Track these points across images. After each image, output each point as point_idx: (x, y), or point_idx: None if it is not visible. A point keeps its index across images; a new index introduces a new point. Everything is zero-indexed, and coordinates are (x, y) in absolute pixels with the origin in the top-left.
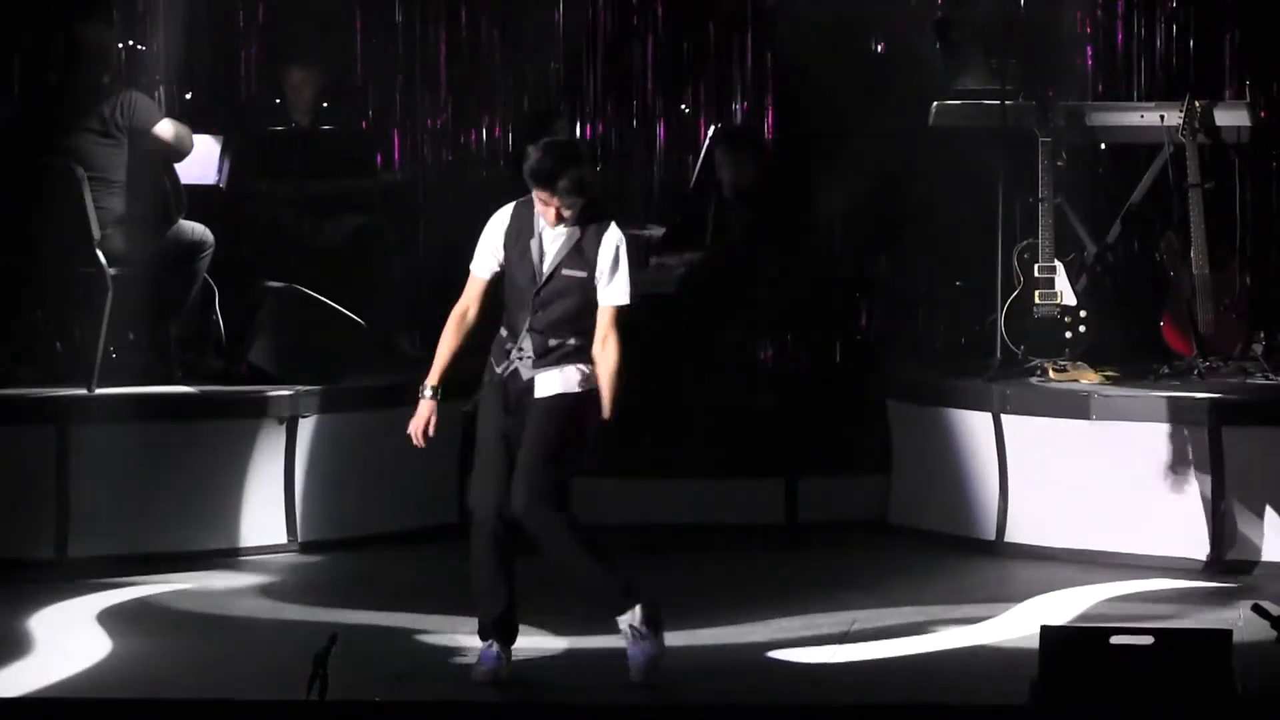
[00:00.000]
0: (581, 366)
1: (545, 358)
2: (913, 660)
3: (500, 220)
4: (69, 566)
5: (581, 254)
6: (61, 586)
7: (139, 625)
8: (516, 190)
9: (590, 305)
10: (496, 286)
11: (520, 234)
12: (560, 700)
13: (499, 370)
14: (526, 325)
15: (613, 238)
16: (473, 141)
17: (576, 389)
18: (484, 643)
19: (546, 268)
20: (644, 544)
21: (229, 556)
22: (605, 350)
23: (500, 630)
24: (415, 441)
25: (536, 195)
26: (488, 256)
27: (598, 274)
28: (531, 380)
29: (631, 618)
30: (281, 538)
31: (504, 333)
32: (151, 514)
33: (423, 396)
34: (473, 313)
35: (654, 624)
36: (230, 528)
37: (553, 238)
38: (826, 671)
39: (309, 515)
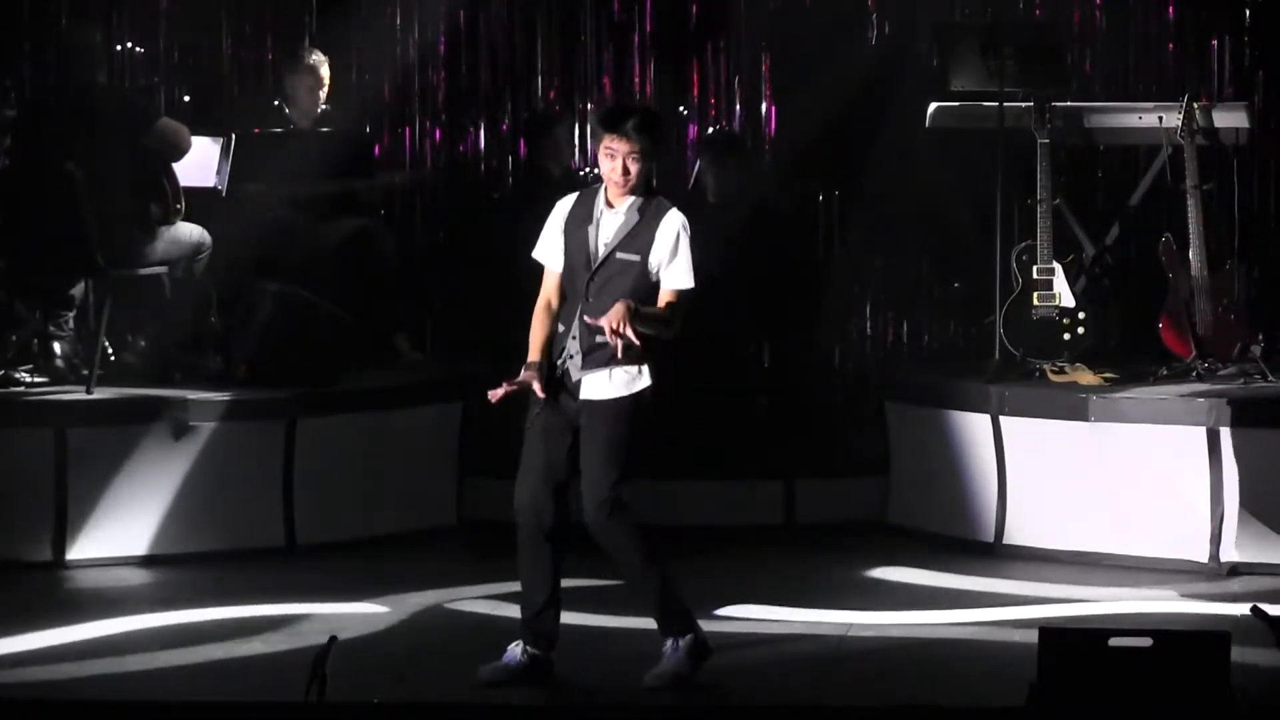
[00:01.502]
0: (629, 368)
1: (591, 356)
2: (911, 662)
3: (564, 206)
4: (67, 568)
5: (637, 238)
6: (59, 588)
7: (137, 627)
8: (518, 189)
9: (641, 296)
10: None
11: (581, 219)
12: (559, 701)
13: (557, 367)
14: (578, 313)
15: (673, 221)
16: (472, 144)
17: (624, 392)
18: (515, 642)
19: (602, 251)
20: None
21: (227, 558)
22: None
23: (528, 632)
24: (492, 394)
25: (604, 148)
26: (552, 245)
27: (653, 259)
28: (579, 382)
29: (679, 642)
30: (280, 540)
31: (562, 328)
32: (149, 516)
33: (526, 369)
34: (555, 302)
35: (698, 657)
36: (228, 530)
37: (610, 221)
38: (826, 673)
39: (307, 517)
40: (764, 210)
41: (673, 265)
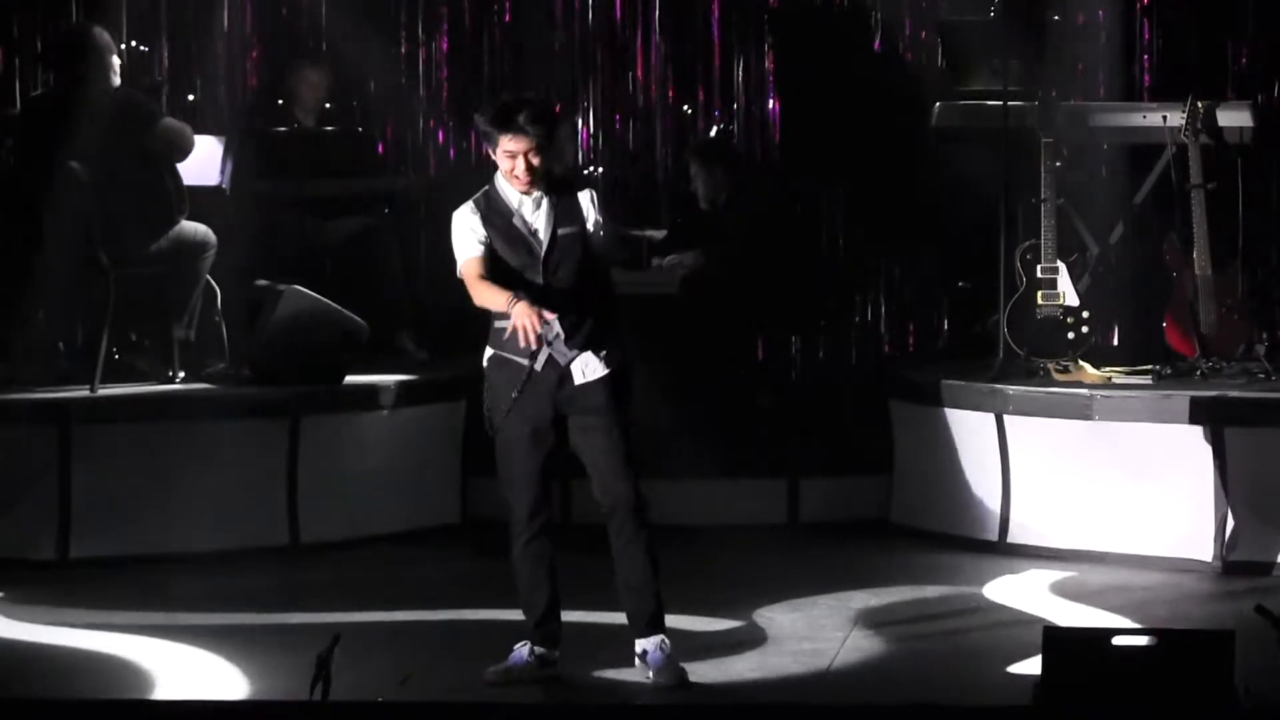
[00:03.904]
0: (606, 343)
1: (575, 338)
2: (914, 661)
3: (468, 215)
4: (70, 567)
5: (569, 211)
6: (62, 586)
7: (141, 626)
8: None
9: (589, 266)
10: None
11: (497, 219)
12: (561, 701)
13: (528, 363)
14: (541, 299)
15: (586, 190)
16: (474, 144)
17: (611, 368)
18: (521, 643)
19: (544, 235)
20: None
21: (231, 557)
22: None
23: (537, 634)
24: (533, 334)
25: (502, 150)
26: (472, 240)
27: (589, 225)
28: (568, 367)
29: (664, 641)
30: (284, 538)
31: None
32: (153, 514)
33: (518, 301)
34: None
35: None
36: (232, 528)
37: (535, 206)
38: (829, 672)
39: (311, 516)
40: (763, 211)
41: (601, 225)
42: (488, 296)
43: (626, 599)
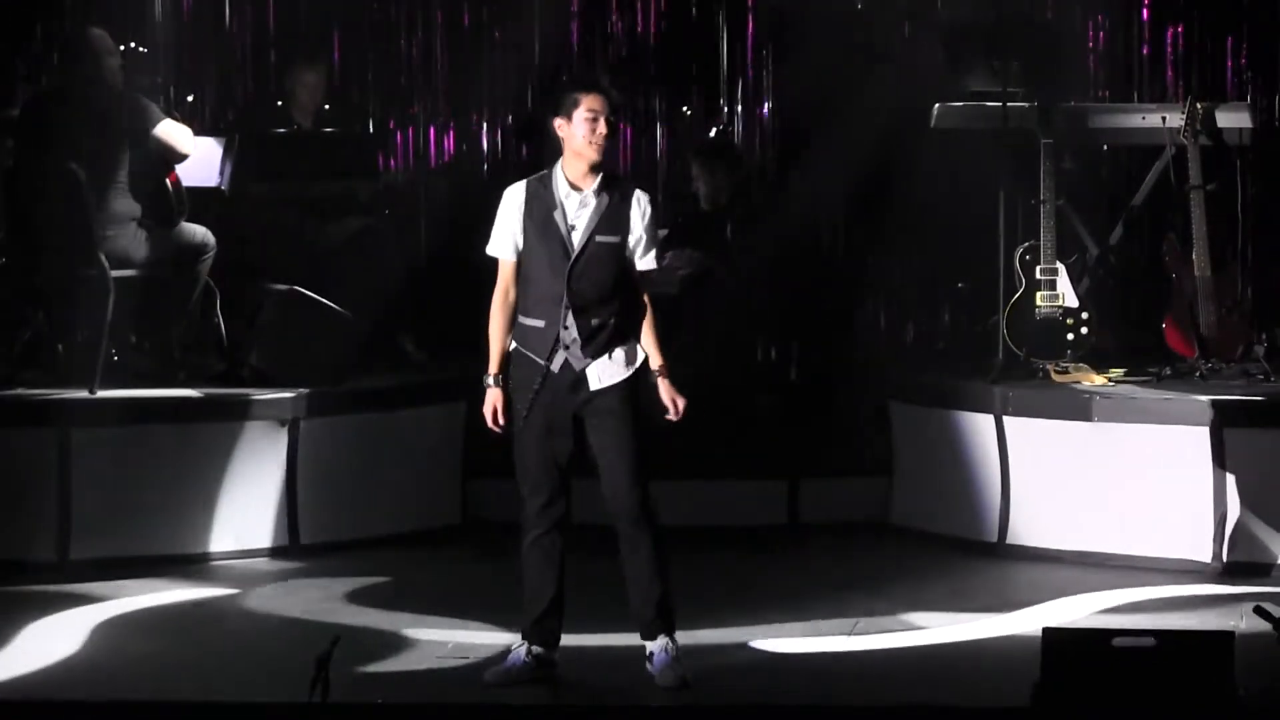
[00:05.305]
0: (624, 347)
1: (592, 344)
2: (914, 662)
3: (515, 198)
4: (70, 568)
5: (613, 219)
6: (62, 588)
7: (141, 627)
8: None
9: (621, 274)
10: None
11: (539, 209)
12: (561, 701)
13: (544, 363)
14: (564, 303)
15: (643, 200)
16: (473, 143)
17: (629, 371)
18: (519, 643)
19: (579, 237)
20: None
21: (231, 559)
22: (648, 314)
23: (536, 632)
24: (493, 428)
25: (585, 112)
26: (507, 238)
27: (632, 239)
28: (584, 371)
29: (670, 642)
30: (284, 540)
31: (539, 322)
32: (153, 516)
33: (488, 386)
34: (513, 294)
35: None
36: (232, 530)
37: (579, 204)
38: (829, 673)
39: (311, 517)
40: (764, 211)
41: (647, 246)
42: (491, 330)
43: (633, 604)
